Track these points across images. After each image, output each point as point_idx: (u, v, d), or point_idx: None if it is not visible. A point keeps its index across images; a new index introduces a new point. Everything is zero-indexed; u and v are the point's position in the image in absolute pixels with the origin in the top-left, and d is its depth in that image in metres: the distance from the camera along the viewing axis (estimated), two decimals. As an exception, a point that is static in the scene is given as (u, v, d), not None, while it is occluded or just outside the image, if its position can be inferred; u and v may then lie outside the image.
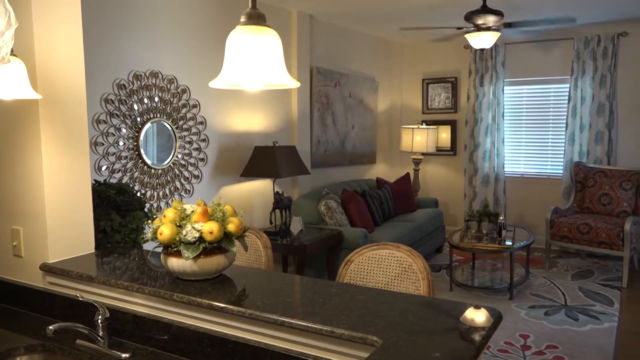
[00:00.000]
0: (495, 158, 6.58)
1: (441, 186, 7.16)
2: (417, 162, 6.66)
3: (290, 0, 4.78)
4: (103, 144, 3.36)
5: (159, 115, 3.73)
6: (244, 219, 4.57)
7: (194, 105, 4.02)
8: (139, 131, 3.57)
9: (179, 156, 3.92)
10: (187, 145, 3.99)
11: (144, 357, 1.58)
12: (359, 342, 1.30)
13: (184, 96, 3.93)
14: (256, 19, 1.19)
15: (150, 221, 2.31)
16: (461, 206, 6.98)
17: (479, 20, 4.62)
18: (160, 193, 3.78)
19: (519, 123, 6.62)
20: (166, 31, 3.78)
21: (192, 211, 1.73)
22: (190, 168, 4.03)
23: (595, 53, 5.93)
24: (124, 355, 1.58)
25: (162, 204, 3.79)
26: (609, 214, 5.57)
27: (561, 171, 6.33)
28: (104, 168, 3.37)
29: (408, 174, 6.31)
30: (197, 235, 1.64)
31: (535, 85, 6.46)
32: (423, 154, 6.68)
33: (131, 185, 2.80)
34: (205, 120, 4.13)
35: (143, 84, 3.60)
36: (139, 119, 3.58)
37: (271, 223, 4.63)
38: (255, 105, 4.72)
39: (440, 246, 6.13)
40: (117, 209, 2.26)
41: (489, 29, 4.76)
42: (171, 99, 3.82)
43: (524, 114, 6.59)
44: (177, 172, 3.91)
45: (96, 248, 2.11)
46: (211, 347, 1.52)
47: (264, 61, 1.17)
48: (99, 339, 1.62)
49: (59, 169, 1.94)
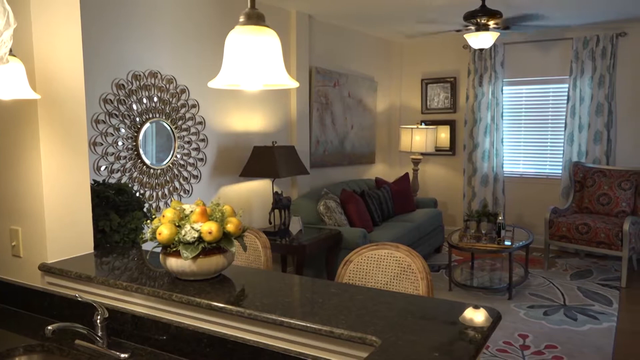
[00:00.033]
0: (494, 158, 6.58)
1: (440, 186, 7.16)
2: (416, 162, 6.66)
3: (289, 0, 4.77)
4: (102, 144, 3.36)
5: (158, 115, 3.72)
6: (243, 219, 4.57)
7: (193, 105, 4.02)
8: (138, 131, 3.57)
9: (178, 156, 3.92)
10: (186, 145, 3.99)
11: (142, 357, 1.58)
12: (358, 342, 1.30)
13: (183, 96, 3.93)
14: (255, 19, 1.19)
15: (149, 221, 2.31)
16: (460, 206, 6.99)
17: (478, 20, 4.63)
18: (159, 193, 3.78)
19: (518, 123, 6.63)
20: (165, 31, 3.78)
21: (191, 211, 1.73)
22: (189, 168, 4.03)
23: (594, 53, 5.93)
24: (122, 356, 1.58)
25: (161, 204, 3.79)
26: (607, 214, 5.58)
27: (560, 171, 6.33)
28: (102, 168, 3.37)
29: (407, 174, 6.31)
30: (196, 235, 1.64)
31: (534, 85, 6.46)
32: (422, 154, 6.68)
33: (130, 185, 2.80)
34: (204, 120, 4.13)
35: (142, 84, 3.60)
36: (138, 119, 3.58)
37: (270, 223, 4.62)
38: (254, 105, 4.72)
39: (439, 246, 6.13)
40: (116, 209, 2.26)
41: (488, 29, 4.77)
42: (170, 99, 3.82)
43: (523, 114, 6.59)
44: (176, 172, 3.91)
45: (95, 248, 2.11)
46: (210, 347, 1.52)
47: (263, 61, 1.17)
48: (97, 339, 1.62)
49: (57, 169, 1.94)
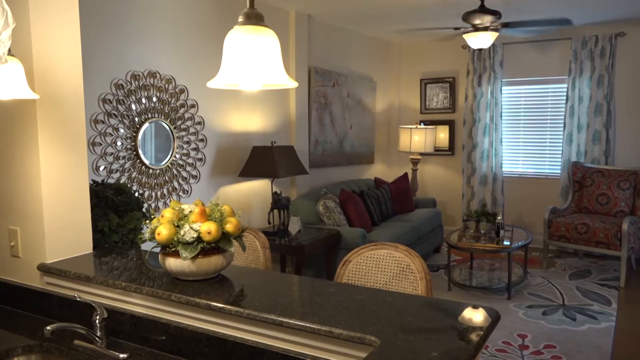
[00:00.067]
0: (493, 158, 6.59)
1: (439, 186, 7.17)
2: (415, 162, 6.67)
3: (289, 1, 4.77)
4: (101, 144, 3.36)
5: (157, 115, 3.72)
6: (242, 219, 4.57)
7: (192, 105, 4.02)
8: (136, 131, 3.57)
9: (177, 156, 3.92)
10: (185, 145, 3.98)
11: (141, 358, 1.58)
12: (357, 342, 1.30)
13: (182, 96, 3.93)
14: (254, 19, 1.19)
15: (148, 221, 2.31)
16: (459, 206, 6.99)
17: (476, 20, 4.63)
18: (158, 193, 3.78)
19: (517, 123, 6.63)
20: (164, 31, 3.78)
21: (190, 211, 1.73)
22: (188, 168, 4.03)
23: (593, 53, 5.94)
24: (121, 356, 1.58)
25: (160, 204, 3.79)
26: (606, 214, 5.58)
27: (559, 171, 6.34)
28: (101, 168, 3.37)
29: (406, 173, 6.31)
30: (195, 235, 1.64)
31: (533, 85, 6.47)
32: (421, 154, 6.68)
33: (129, 186, 2.80)
34: (203, 120, 4.13)
35: (141, 83, 3.60)
36: (136, 119, 3.58)
37: (269, 223, 4.62)
38: (253, 105, 4.71)
39: (438, 246, 6.13)
40: (115, 209, 2.26)
41: (486, 29, 4.77)
42: (169, 99, 3.81)
43: (522, 114, 6.60)
44: (175, 172, 3.90)
45: (94, 248, 2.11)
46: (209, 348, 1.52)
47: (262, 61, 1.17)
48: (96, 339, 1.61)
49: (56, 169, 1.93)
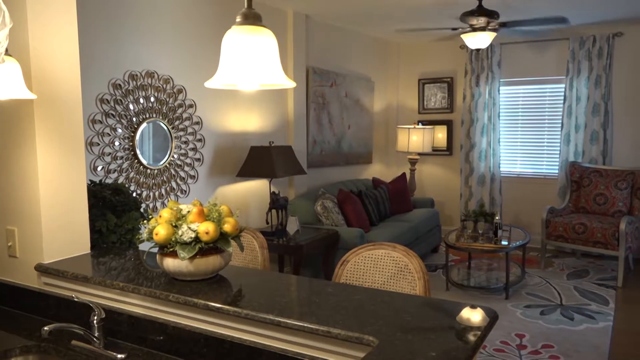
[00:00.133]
0: (491, 158, 6.59)
1: (437, 186, 7.17)
2: (413, 162, 6.67)
3: (287, 1, 4.77)
4: (99, 144, 3.35)
5: (154, 115, 3.72)
6: (240, 219, 4.56)
7: (190, 105, 4.02)
8: (134, 131, 3.57)
9: (175, 156, 3.91)
10: (183, 146, 3.98)
11: (139, 358, 1.58)
12: (355, 342, 1.31)
13: (180, 96, 3.92)
14: (252, 19, 1.19)
15: (146, 221, 2.31)
16: (457, 206, 7.00)
17: (474, 20, 4.63)
18: (156, 193, 3.77)
19: (515, 123, 6.64)
20: (162, 31, 3.77)
21: (188, 211, 1.73)
22: (186, 168, 4.02)
23: (591, 53, 5.95)
24: (119, 356, 1.58)
25: (158, 204, 3.78)
26: (604, 214, 5.60)
27: (557, 171, 6.35)
28: (99, 168, 3.36)
29: (404, 173, 6.31)
30: (193, 235, 1.64)
31: (531, 85, 6.48)
32: (419, 154, 6.69)
33: (127, 186, 2.80)
34: (201, 120, 4.13)
35: (139, 83, 3.59)
36: (134, 119, 3.57)
37: (267, 223, 4.62)
38: (251, 105, 4.71)
39: (436, 246, 6.14)
40: (113, 209, 2.25)
41: (484, 29, 4.77)
42: (167, 99, 3.81)
43: (520, 114, 6.60)
44: (173, 172, 3.90)
45: (92, 248, 2.10)
46: (207, 348, 1.52)
47: (259, 61, 1.17)
48: (94, 339, 1.61)
49: (54, 169, 1.93)
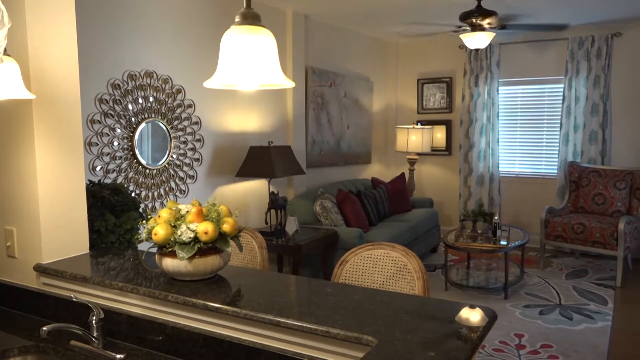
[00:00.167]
0: (490, 158, 6.60)
1: (436, 186, 7.17)
2: (412, 162, 6.67)
3: (286, 0, 4.77)
4: (97, 144, 3.35)
5: (153, 115, 3.72)
6: (239, 219, 4.54)
7: (189, 105, 4.01)
8: (133, 131, 3.56)
9: (174, 156, 3.91)
10: (182, 146, 3.98)
11: (138, 358, 1.58)
12: (354, 342, 1.31)
13: (179, 96, 3.92)
14: (251, 18, 1.19)
15: (144, 221, 2.30)
16: (456, 206, 7.00)
17: (473, 20, 4.64)
18: (155, 193, 3.77)
19: (514, 123, 6.64)
20: (161, 31, 3.77)
21: (187, 211, 1.73)
22: (185, 168, 4.02)
23: (589, 53, 5.95)
24: (118, 356, 1.58)
25: (157, 204, 3.78)
26: (602, 214, 5.60)
27: (555, 171, 6.35)
28: (98, 168, 3.36)
29: (403, 173, 6.32)
30: (192, 235, 1.64)
31: (530, 85, 6.48)
32: (418, 153, 6.69)
33: (126, 186, 2.79)
34: (200, 120, 4.13)
35: (138, 83, 3.59)
36: (133, 119, 3.57)
37: (266, 223, 4.62)
38: (250, 105, 4.71)
39: (435, 246, 6.14)
40: (112, 210, 2.25)
41: (483, 29, 4.77)
42: (166, 99, 3.81)
43: (519, 114, 6.61)
44: (172, 172, 3.90)
45: (90, 248, 2.10)
46: (206, 348, 1.51)
47: (258, 61, 1.17)
48: (93, 339, 1.61)
49: (53, 169, 1.93)
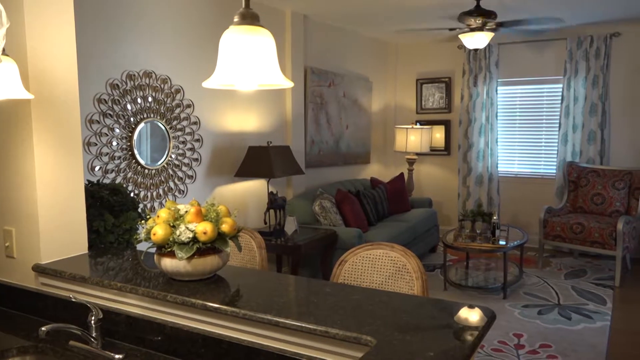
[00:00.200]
0: (489, 158, 6.60)
1: (435, 186, 7.18)
2: (411, 162, 6.67)
3: (285, 0, 4.77)
4: (96, 144, 3.35)
5: (152, 115, 3.71)
6: (238, 219, 4.54)
7: (188, 105, 4.01)
8: (132, 131, 3.56)
9: (173, 156, 3.91)
10: (180, 146, 3.98)
11: (137, 358, 1.58)
12: (353, 342, 1.31)
13: (178, 96, 3.92)
14: (250, 18, 1.19)
15: (143, 221, 2.30)
16: (455, 206, 7.01)
17: (472, 20, 4.64)
18: (154, 193, 3.77)
19: (513, 123, 6.65)
20: (160, 31, 3.77)
21: (186, 211, 1.73)
22: (184, 168, 4.02)
23: (588, 53, 5.96)
24: (117, 356, 1.57)
25: (156, 204, 3.78)
26: (601, 214, 5.61)
27: (554, 171, 6.36)
28: (97, 168, 3.36)
29: (402, 173, 6.32)
30: (190, 235, 1.64)
31: (529, 85, 6.49)
32: (417, 153, 6.69)
33: (125, 186, 2.79)
34: (199, 120, 4.12)
35: (136, 83, 3.59)
36: (132, 119, 3.57)
37: (265, 223, 4.62)
38: (249, 105, 4.71)
39: (434, 246, 6.14)
40: (111, 210, 2.25)
41: (482, 29, 4.78)
42: (165, 99, 3.81)
43: (518, 114, 6.62)
44: (170, 172, 3.90)
45: (89, 249, 2.10)
46: (205, 348, 1.51)
47: (257, 61, 1.17)
48: (92, 340, 1.61)
49: (51, 169, 1.93)
